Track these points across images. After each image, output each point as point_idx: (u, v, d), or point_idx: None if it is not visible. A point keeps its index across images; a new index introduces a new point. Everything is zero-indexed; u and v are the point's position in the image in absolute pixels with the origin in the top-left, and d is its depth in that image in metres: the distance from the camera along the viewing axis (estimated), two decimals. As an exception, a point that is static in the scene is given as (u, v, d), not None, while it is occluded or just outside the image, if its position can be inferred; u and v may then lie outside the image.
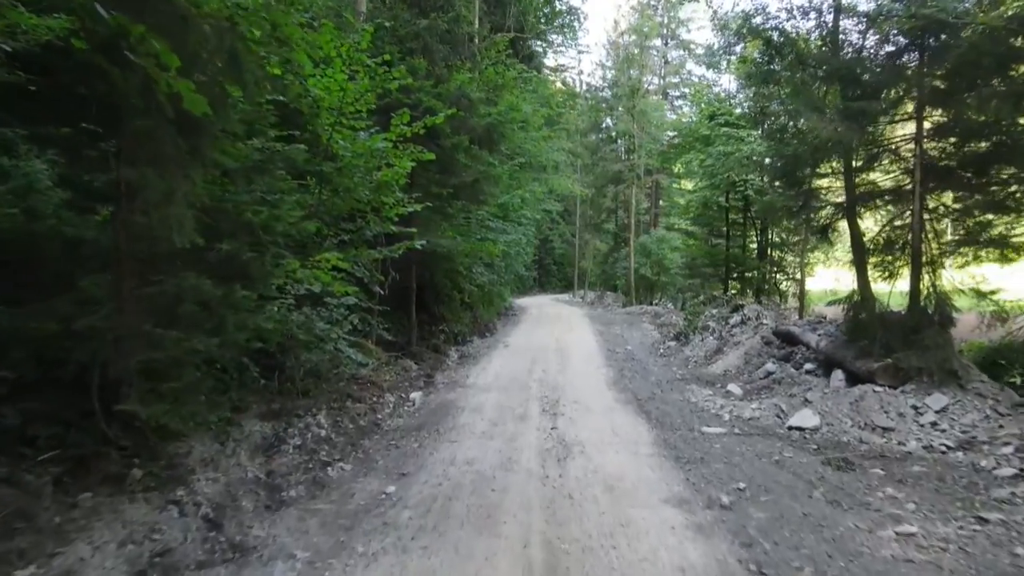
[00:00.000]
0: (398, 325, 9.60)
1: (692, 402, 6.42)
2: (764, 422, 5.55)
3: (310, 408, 5.33)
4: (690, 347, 9.87)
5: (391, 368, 7.76)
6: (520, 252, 13.08)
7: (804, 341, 7.31)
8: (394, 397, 6.55)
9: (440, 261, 8.97)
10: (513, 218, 12.44)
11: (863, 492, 3.72)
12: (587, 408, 6.07)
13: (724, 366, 7.97)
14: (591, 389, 7.10)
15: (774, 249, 16.05)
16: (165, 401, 3.16)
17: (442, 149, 8.05)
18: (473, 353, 10.53)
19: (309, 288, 4.51)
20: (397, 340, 9.36)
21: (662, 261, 22.49)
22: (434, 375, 8.32)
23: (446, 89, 7.82)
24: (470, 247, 8.69)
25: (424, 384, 7.52)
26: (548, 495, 3.59)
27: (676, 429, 5.31)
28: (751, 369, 7.58)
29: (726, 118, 14.64)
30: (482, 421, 5.59)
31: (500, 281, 11.36)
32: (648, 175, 27.42)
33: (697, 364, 8.64)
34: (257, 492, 3.53)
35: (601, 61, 35.12)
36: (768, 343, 8.04)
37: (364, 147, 5.28)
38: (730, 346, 8.62)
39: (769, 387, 6.67)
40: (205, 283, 3.13)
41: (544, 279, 38.91)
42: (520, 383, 7.48)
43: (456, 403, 6.42)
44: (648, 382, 7.59)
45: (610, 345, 11.29)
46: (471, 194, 8.62)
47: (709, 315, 10.78)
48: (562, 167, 16.73)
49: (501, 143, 8.80)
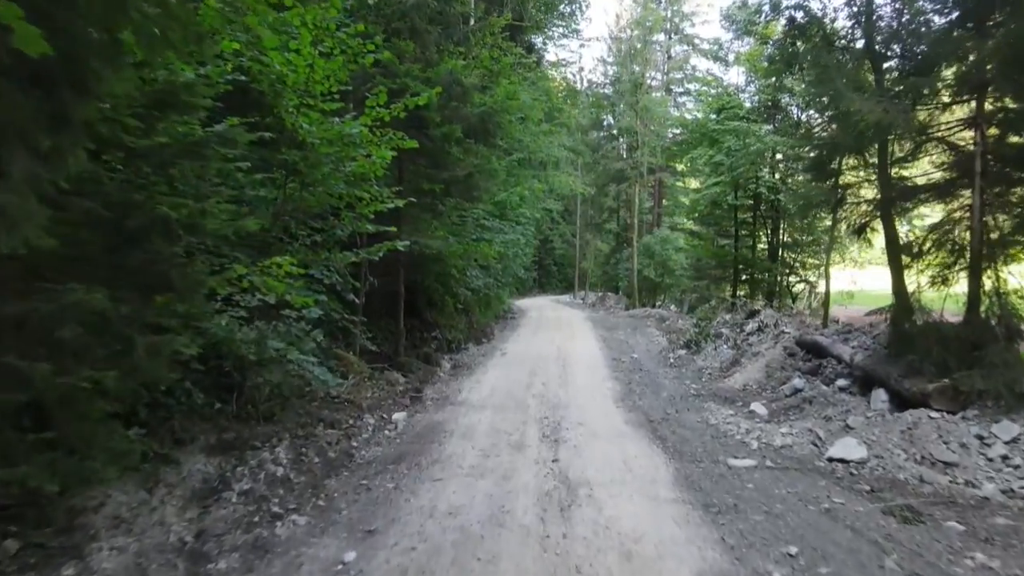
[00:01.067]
0: (385, 333, 8.84)
1: (712, 424, 5.65)
2: (799, 451, 4.78)
3: (271, 437, 4.56)
4: (702, 356, 9.09)
5: (374, 383, 6.98)
6: (519, 253, 12.32)
7: (834, 354, 6.54)
8: (374, 419, 5.77)
9: (430, 263, 8.21)
10: (511, 217, 11.68)
11: (946, 559, 2.95)
12: (593, 433, 5.30)
13: (743, 380, 7.19)
14: (597, 408, 6.32)
15: (786, 250, 15.28)
16: (42, 454, 2.39)
17: (431, 140, 7.28)
18: (468, 363, 9.75)
19: (263, 299, 3.75)
20: (383, 350, 8.59)
21: (666, 262, 21.72)
22: (423, 389, 7.55)
23: (435, 73, 7.05)
24: (463, 248, 7.91)
25: (410, 401, 6.75)
26: (549, 569, 2.81)
27: (698, 461, 4.54)
28: (774, 384, 6.80)
29: (736, 111, 13.87)
30: (472, 451, 4.81)
31: (497, 284, 10.60)
32: (651, 173, 26.64)
33: (712, 377, 7.87)
34: (175, 564, 2.76)
35: (602, 56, 34.35)
36: (791, 354, 7.27)
37: (334, 133, 4.51)
38: (748, 357, 7.85)
39: (798, 407, 5.89)
40: (97, 297, 2.36)
41: (544, 280, 38.18)
42: (517, 400, 6.71)
43: (444, 426, 5.65)
44: (660, 398, 6.82)
45: (615, 353, 10.52)
46: (464, 190, 7.85)
47: (721, 321, 10.01)
48: (563, 164, 15.95)
49: (497, 134, 8.03)
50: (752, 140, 12.32)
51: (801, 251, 15.15)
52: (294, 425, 4.88)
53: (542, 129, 13.03)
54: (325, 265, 4.82)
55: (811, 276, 15.15)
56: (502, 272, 11.31)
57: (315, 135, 4.54)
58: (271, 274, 3.46)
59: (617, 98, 26.03)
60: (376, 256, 5.39)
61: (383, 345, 8.65)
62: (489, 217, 10.26)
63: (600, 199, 30.59)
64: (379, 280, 8.90)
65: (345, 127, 4.56)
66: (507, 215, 11.48)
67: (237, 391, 4.80)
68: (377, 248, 5.34)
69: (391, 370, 8.03)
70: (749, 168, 13.38)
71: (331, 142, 4.65)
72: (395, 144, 4.84)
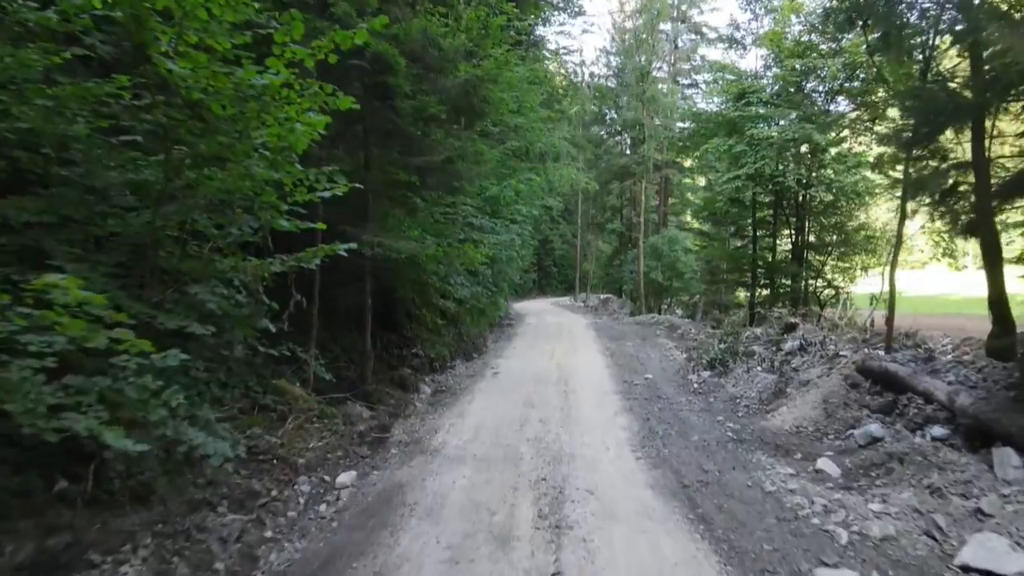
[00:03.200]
0: (350, 354, 7.34)
1: (771, 492, 4.14)
2: (911, 550, 3.28)
3: (132, 535, 3.06)
4: (732, 381, 7.58)
5: (325, 423, 5.47)
6: (514, 256, 10.80)
7: (920, 390, 5.04)
8: (311, 484, 4.27)
9: (403, 270, 6.70)
10: (505, 215, 10.17)
11: None
12: (609, 511, 3.80)
13: (794, 418, 5.68)
14: (610, 461, 4.82)
15: (812, 252, 13.77)
16: None
17: (398, 114, 5.78)
18: (452, 386, 8.25)
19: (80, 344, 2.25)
20: (348, 374, 7.09)
21: (675, 264, 20.19)
22: (391, 427, 6.05)
23: (404, 31, 5.54)
24: (442, 251, 6.41)
25: (370, 449, 5.24)
26: None
27: (771, 573, 3.04)
28: (838, 427, 5.29)
29: (759, 96, 12.35)
30: (436, 547, 3.31)
31: (488, 293, 9.08)
32: (657, 170, 25.16)
33: (751, 411, 6.35)
34: None
35: (604, 47, 32.84)
36: (854, 385, 5.76)
37: (225, 82, 3.01)
38: (796, 386, 6.33)
39: (883, 465, 4.38)
40: None
41: (544, 281, 36.77)
42: (507, 447, 5.21)
43: (405, 494, 4.14)
44: (690, 443, 5.31)
45: (625, 373, 9.02)
46: (443, 179, 6.34)
47: (752, 337, 8.51)
48: (564, 158, 14.44)
49: (486, 113, 6.53)
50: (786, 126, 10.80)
51: (829, 253, 13.62)
52: (179, 508, 3.38)
53: (540, 115, 11.51)
54: (221, 277, 3.31)
55: (838, 280, 13.63)
56: (494, 278, 9.80)
57: (200, 86, 3.03)
58: (54, 302, 1.95)
59: (621, 90, 24.54)
60: (311, 264, 3.88)
61: (348, 369, 7.14)
62: (478, 214, 8.75)
63: (602, 197, 29.15)
64: (341, 291, 7.42)
65: (246, 76, 3.05)
66: (500, 212, 9.97)
67: (96, 462, 3.30)
68: (311, 254, 3.83)
69: (354, 401, 6.52)
70: (776, 158, 11.87)
71: (229, 97, 3.14)
72: (322, 101, 3.32)
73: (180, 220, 3.38)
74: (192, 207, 3.38)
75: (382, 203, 6.55)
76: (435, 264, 6.72)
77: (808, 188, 11.66)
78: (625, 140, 28.82)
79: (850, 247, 13.00)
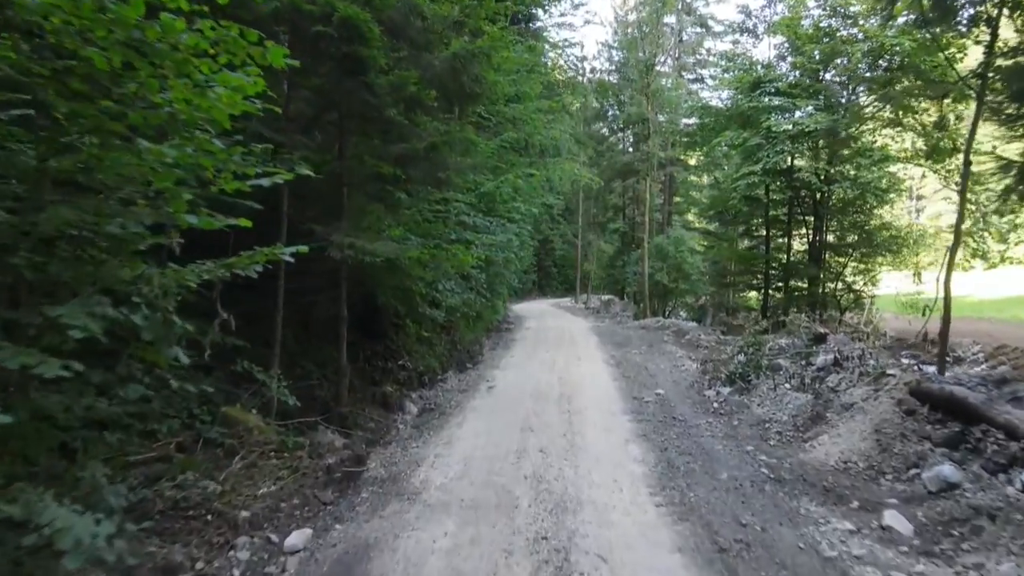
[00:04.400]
0: (324, 370, 6.48)
1: (830, 559, 3.27)
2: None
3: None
4: (757, 399, 6.71)
5: (285, 459, 4.60)
6: (512, 258, 9.92)
7: (1000, 422, 4.18)
8: (250, 549, 3.40)
9: (382, 274, 5.84)
10: (502, 212, 9.30)
11: None
12: (630, 592, 2.94)
13: (840, 451, 4.81)
14: (626, 512, 3.95)
15: (831, 253, 12.90)
16: None
17: (373, 93, 4.91)
18: (442, 404, 7.38)
19: None
20: (321, 394, 6.23)
21: (681, 265, 19.30)
22: (367, 459, 5.19)
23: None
24: (428, 253, 5.54)
25: (335, 493, 4.38)
26: None
27: None
28: (896, 464, 4.43)
29: (775, 86, 11.47)
30: (400, 656, 2.45)
31: (482, 299, 8.20)
32: (660, 168, 24.30)
33: (785, 439, 5.48)
34: None
35: (606, 41, 31.93)
36: (909, 412, 4.89)
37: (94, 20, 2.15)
38: (836, 410, 5.46)
39: (967, 522, 3.52)
40: None
41: (544, 282, 35.96)
42: (500, 489, 4.35)
43: (370, 565, 3.28)
44: (718, 484, 4.44)
45: (634, 387, 8.16)
46: (426, 170, 5.47)
47: (776, 348, 7.65)
48: (565, 153, 13.56)
49: (477, 93, 5.65)
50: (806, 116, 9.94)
51: (850, 254, 12.74)
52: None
53: (540, 106, 10.64)
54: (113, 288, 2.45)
55: (857, 283, 12.75)
56: (489, 282, 8.93)
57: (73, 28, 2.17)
58: None
59: (624, 84, 23.66)
60: (248, 271, 3.01)
61: (321, 388, 6.28)
62: (472, 212, 7.88)
63: (604, 196, 28.30)
64: (316, 299, 6.56)
65: (125, 13, 2.18)
66: (496, 210, 9.10)
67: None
68: (247, 259, 2.96)
69: (326, 427, 5.67)
70: (793, 151, 10.99)
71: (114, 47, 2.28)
72: (245, 54, 2.46)
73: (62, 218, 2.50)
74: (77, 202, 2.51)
75: (359, 198, 5.69)
76: (420, 268, 5.86)
77: (831, 184, 10.77)
78: (627, 137, 27.97)
79: (872, 247, 12.13)
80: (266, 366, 5.25)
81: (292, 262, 3.23)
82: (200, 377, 4.93)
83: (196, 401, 4.65)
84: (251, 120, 3.48)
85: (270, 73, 4.74)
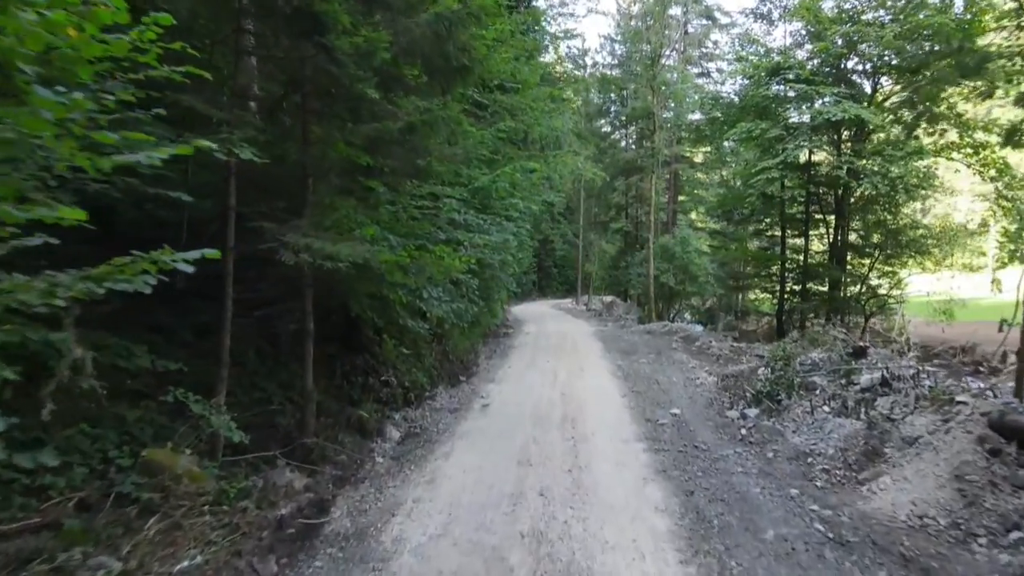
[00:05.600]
0: (288, 393, 5.56)
1: None
2: None
3: None
4: (791, 424, 5.80)
5: (224, 513, 3.69)
6: (509, 260, 9.00)
7: None
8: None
9: (354, 281, 4.94)
10: (498, 210, 8.39)
11: None
12: None
13: (910, 501, 3.90)
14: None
15: (853, 253, 11.98)
16: None
17: (336, 62, 4.00)
18: (428, 428, 6.48)
19: None
20: (284, 422, 5.31)
21: (688, 267, 18.37)
22: (331, 505, 4.31)
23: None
24: (406, 256, 4.64)
25: (282, 562, 3.47)
26: None
27: None
28: (990, 523, 3.52)
29: (797, 73, 10.54)
30: None
31: (474, 307, 7.29)
32: (665, 165, 23.39)
33: (835, 479, 4.57)
34: None
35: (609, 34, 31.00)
36: (995, 452, 3.98)
37: None
38: (897, 445, 4.55)
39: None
40: None
41: (544, 283, 35.05)
42: (492, 557, 3.45)
43: None
44: (764, 546, 3.54)
45: (646, 405, 7.26)
46: (403, 157, 4.55)
47: (809, 364, 6.74)
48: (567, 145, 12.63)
49: (466, 66, 4.74)
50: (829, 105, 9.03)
51: (876, 256, 11.80)
52: None
53: (540, 93, 9.72)
54: None
55: (885, 287, 11.81)
56: (483, 288, 8.01)
57: None
58: None
59: (628, 79, 22.74)
60: (120, 286, 2.09)
61: (284, 415, 5.37)
62: (463, 208, 6.96)
63: (607, 195, 27.40)
64: (281, 309, 5.67)
65: None
66: (492, 207, 8.19)
67: None
68: (122, 268, 2.06)
69: (286, 463, 4.76)
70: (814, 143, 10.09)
71: None
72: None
73: None
74: None
75: (326, 191, 4.78)
76: (401, 274, 4.96)
77: (861, 177, 9.84)
78: (631, 134, 27.10)
79: (900, 247, 11.19)
80: (212, 392, 4.36)
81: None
82: (122, 408, 4.07)
83: (114, 442, 3.77)
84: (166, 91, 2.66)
85: (224, 46, 3.80)
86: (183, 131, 3.60)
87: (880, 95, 11.02)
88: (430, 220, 6.72)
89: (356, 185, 4.81)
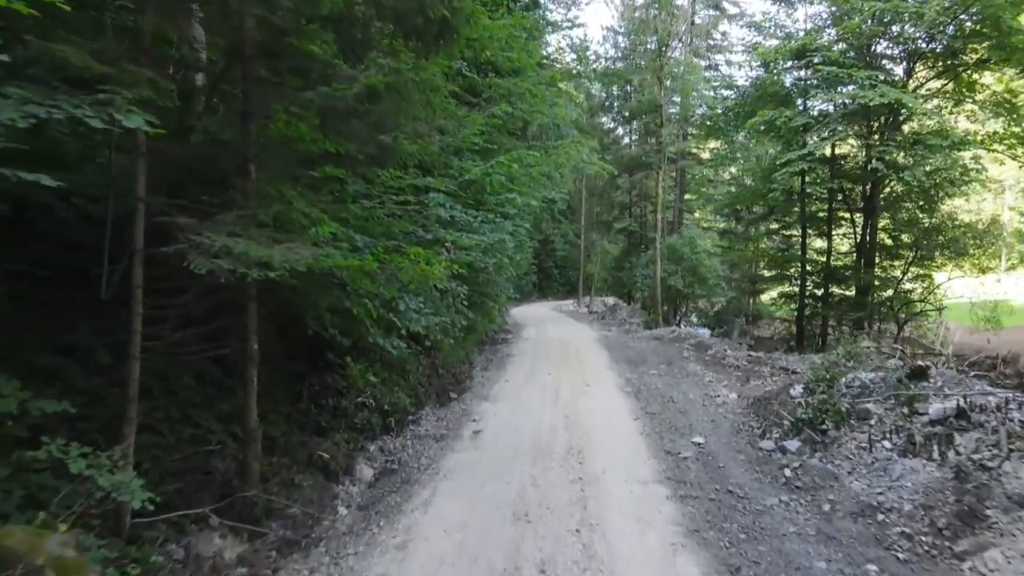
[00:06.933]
0: (233, 426, 4.55)
1: None
2: None
3: None
4: (846, 464, 4.79)
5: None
6: (506, 263, 7.98)
7: None
8: None
9: (311, 292, 3.94)
10: (492, 206, 7.38)
11: None
12: None
13: (1037, 592, 2.90)
14: None
15: (884, 254, 10.96)
16: None
17: (271, 5, 3.00)
18: (407, 463, 5.48)
19: None
20: (221, 467, 4.30)
21: (697, 268, 17.34)
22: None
23: None
24: (373, 261, 3.64)
25: None
26: None
27: None
28: None
29: (825, 55, 9.53)
30: None
31: (462, 319, 6.25)
32: (672, 162, 22.39)
33: (919, 548, 3.57)
34: None
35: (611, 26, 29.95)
36: None
37: None
38: (1002, 505, 3.54)
39: None
40: None
41: (544, 284, 34.07)
42: None
43: None
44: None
45: (664, 431, 6.27)
46: (363, 133, 3.53)
47: (854, 383, 5.74)
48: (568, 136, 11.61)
49: (450, 24, 3.74)
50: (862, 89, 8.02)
51: (911, 258, 10.77)
52: None
53: (541, 78, 8.72)
54: None
55: (917, 290, 10.79)
56: (475, 297, 7.00)
57: None
58: None
59: (633, 71, 21.73)
60: None
61: (223, 458, 4.35)
62: (450, 203, 5.95)
63: (609, 193, 26.41)
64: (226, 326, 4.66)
65: None
66: (486, 203, 7.19)
67: None
68: None
69: (219, 522, 3.75)
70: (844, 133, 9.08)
71: None
72: None
73: None
74: None
75: (268, 177, 3.78)
76: (367, 282, 3.96)
77: (899, 171, 8.81)
78: (634, 130, 26.10)
79: (936, 247, 10.16)
80: (115, 438, 3.36)
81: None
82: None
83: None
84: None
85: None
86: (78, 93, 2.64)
87: (914, 81, 10.01)
88: (411, 218, 5.73)
89: (309, 170, 3.80)
